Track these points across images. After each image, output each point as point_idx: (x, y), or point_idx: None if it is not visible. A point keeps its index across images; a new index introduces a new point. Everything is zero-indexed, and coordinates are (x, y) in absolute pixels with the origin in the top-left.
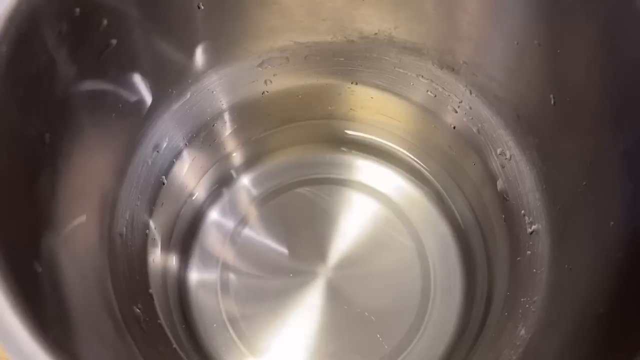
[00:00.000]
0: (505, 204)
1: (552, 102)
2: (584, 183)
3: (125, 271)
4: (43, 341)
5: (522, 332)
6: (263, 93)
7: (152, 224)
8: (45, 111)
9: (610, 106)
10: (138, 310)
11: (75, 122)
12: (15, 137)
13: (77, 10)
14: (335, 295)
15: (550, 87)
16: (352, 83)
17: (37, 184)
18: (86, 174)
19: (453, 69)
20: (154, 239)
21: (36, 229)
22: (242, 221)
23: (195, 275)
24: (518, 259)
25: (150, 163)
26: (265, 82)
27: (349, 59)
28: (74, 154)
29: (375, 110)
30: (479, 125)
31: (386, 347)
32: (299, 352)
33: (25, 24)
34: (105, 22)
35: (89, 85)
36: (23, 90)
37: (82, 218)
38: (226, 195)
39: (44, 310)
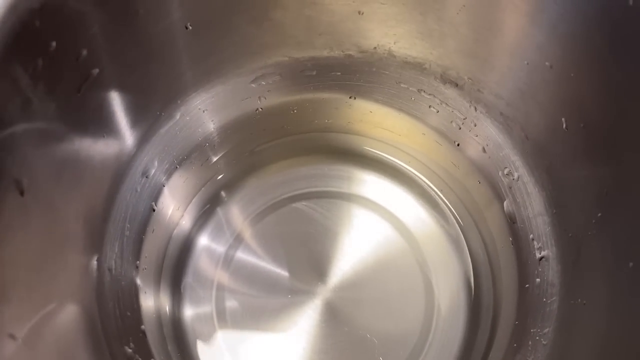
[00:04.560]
0: (513, 226)
1: (564, 125)
2: (599, 214)
3: (115, 309)
4: None
5: None
6: (257, 110)
7: (142, 252)
8: (21, 155)
9: (630, 135)
10: (130, 351)
11: (55, 159)
12: None
13: (53, 43)
14: (335, 317)
15: (562, 110)
16: (350, 97)
17: (15, 234)
18: (69, 213)
19: (457, 85)
20: (145, 268)
21: (17, 283)
22: (237, 240)
23: (190, 302)
24: (527, 285)
25: (139, 190)
26: (259, 98)
27: (347, 73)
28: (55, 194)
29: (374, 124)
30: (485, 143)
31: None
32: None
33: None
34: (84, 52)
35: (69, 119)
36: None
37: (65, 263)
38: (219, 215)
39: None
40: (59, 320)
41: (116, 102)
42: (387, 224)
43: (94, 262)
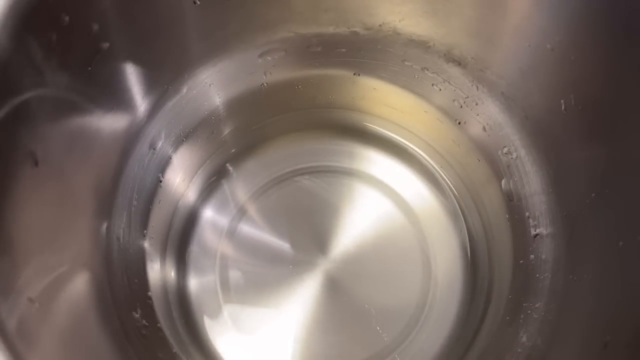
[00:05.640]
0: (510, 204)
1: (563, 107)
2: (593, 194)
3: (123, 277)
4: None
5: (524, 338)
6: (262, 85)
7: (149, 223)
8: (34, 127)
9: (626, 119)
10: (137, 316)
11: (66, 131)
12: (2, 161)
13: (66, 18)
14: (335, 288)
15: (562, 92)
16: (354, 74)
17: (29, 203)
18: (79, 184)
19: (460, 64)
20: (152, 238)
21: (32, 250)
22: (241, 212)
23: (194, 270)
24: (521, 261)
25: (146, 162)
26: (265, 73)
27: (352, 50)
28: (66, 165)
29: (378, 100)
30: (485, 122)
31: (385, 339)
32: (299, 343)
33: (11, 40)
34: (96, 27)
35: (81, 92)
36: (11, 109)
37: (76, 232)
38: (224, 187)
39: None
40: (71, 286)
41: (125, 75)
42: (387, 199)
43: (103, 232)
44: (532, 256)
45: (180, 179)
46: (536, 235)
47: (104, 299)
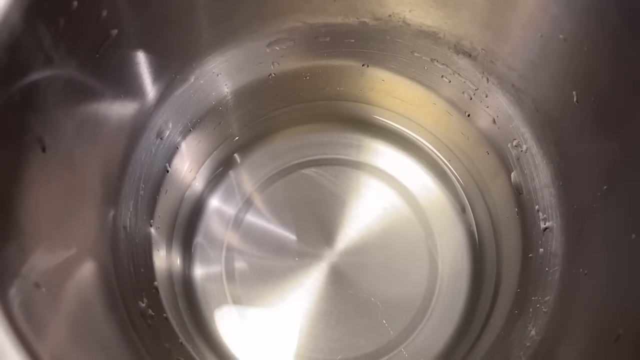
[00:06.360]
0: (519, 197)
1: (575, 99)
2: (605, 187)
3: (129, 266)
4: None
5: (533, 332)
6: (270, 75)
7: (156, 212)
8: (43, 113)
9: (639, 110)
10: (143, 305)
11: (74, 118)
12: (11, 146)
13: (75, 3)
14: (340, 280)
15: (574, 84)
16: (363, 65)
17: (37, 189)
18: (87, 171)
19: (470, 55)
20: (159, 227)
21: (40, 236)
22: (247, 203)
23: (200, 261)
24: (530, 255)
25: (153, 151)
26: (273, 64)
27: (361, 40)
28: (74, 152)
29: (386, 92)
30: (495, 114)
31: (391, 332)
32: (304, 335)
33: (20, 25)
34: (105, 13)
35: (89, 78)
36: (19, 95)
37: (83, 219)
38: (231, 178)
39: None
40: (78, 273)
41: (133, 63)
42: (394, 192)
43: (110, 219)
44: (541, 250)
45: (188, 168)
46: (546, 228)
47: (110, 287)
